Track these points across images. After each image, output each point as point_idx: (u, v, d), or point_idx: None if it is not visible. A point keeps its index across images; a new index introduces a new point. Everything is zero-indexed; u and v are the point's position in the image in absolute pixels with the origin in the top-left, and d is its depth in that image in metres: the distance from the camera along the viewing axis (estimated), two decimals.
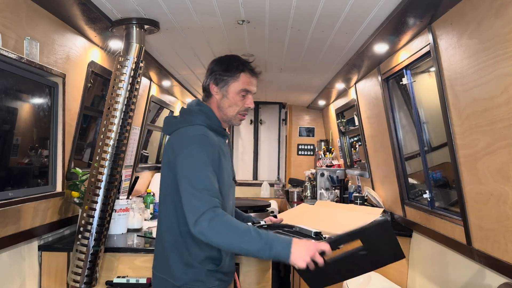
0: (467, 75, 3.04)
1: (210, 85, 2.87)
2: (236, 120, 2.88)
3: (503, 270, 2.95)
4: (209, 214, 2.45)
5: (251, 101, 2.87)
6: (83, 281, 3.55)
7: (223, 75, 2.83)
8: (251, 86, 2.85)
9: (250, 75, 2.84)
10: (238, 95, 2.82)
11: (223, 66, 2.85)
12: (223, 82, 2.82)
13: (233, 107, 2.83)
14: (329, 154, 8.36)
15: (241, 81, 2.81)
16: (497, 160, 2.82)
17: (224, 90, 2.83)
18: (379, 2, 3.23)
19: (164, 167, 2.81)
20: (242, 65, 2.84)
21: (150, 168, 7.34)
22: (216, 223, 2.44)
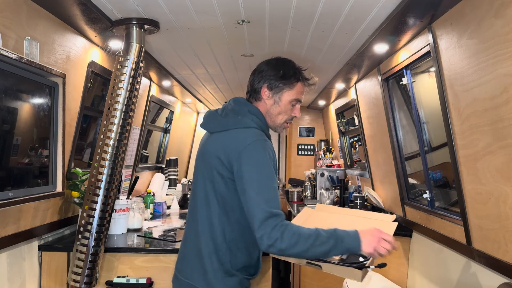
0: (467, 75, 3.04)
1: (263, 88, 2.76)
2: (281, 128, 2.82)
3: (503, 270, 2.95)
4: (280, 228, 2.40)
5: (298, 110, 2.81)
6: (83, 281, 3.55)
7: (278, 81, 2.73)
8: (302, 96, 2.80)
9: (305, 86, 2.79)
10: (290, 104, 2.75)
11: (279, 72, 2.74)
12: (278, 88, 2.74)
13: (282, 115, 2.77)
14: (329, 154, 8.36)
15: (296, 90, 2.75)
16: (497, 160, 2.82)
17: (277, 97, 2.74)
18: (379, 2, 3.23)
19: (207, 168, 2.72)
20: (298, 74, 2.77)
21: (150, 168, 7.34)
22: (287, 234, 2.40)
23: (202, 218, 2.72)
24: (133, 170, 6.10)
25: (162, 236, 4.49)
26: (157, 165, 7.80)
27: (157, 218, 5.65)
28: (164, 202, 6.10)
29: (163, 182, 7.30)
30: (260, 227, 2.41)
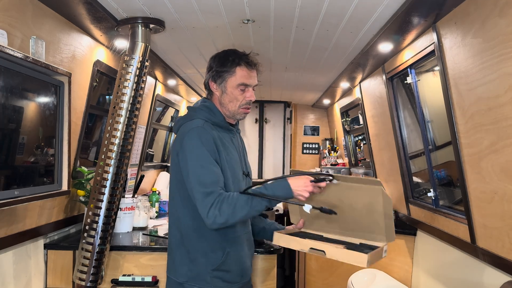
0: (472, 74, 3.04)
1: (210, 82, 2.90)
2: (240, 114, 2.89)
3: (507, 268, 2.95)
4: (216, 204, 2.55)
5: (251, 93, 2.87)
6: (89, 279, 3.56)
7: (219, 71, 2.84)
8: (249, 79, 2.84)
9: (247, 68, 2.83)
10: (237, 90, 2.82)
11: (219, 62, 2.86)
12: (221, 78, 2.84)
13: (234, 102, 2.84)
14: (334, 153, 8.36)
15: (238, 75, 2.81)
16: (501, 158, 2.82)
17: (223, 86, 2.84)
18: (383, 1, 3.23)
19: (172, 165, 2.85)
20: (238, 59, 2.83)
21: (156, 166, 7.35)
22: (225, 207, 2.55)
23: (171, 212, 2.90)
24: (138, 169, 6.11)
25: (167, 235, 4.50)
26: (162, 164, 7.80)
27: (162, 217, 5.66)
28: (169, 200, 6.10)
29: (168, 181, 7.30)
30: (200, 209, 2.59)
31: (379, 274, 4.87)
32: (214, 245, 2.75)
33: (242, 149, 3.06)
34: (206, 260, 2.75)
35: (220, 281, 2.77)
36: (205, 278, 2.75)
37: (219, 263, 2.75)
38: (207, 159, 2.65)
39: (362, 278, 4.87)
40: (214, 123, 2.82)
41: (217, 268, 2.75)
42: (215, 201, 2.55)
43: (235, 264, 2.82)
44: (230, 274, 2.80)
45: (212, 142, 2.69)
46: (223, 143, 2.78)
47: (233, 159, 2.83)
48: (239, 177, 2.85)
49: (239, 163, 2.90)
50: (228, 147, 2.81)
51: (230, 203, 2.55)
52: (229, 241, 2.77)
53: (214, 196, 2.56)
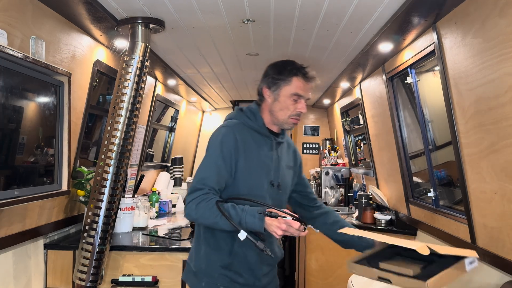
0: (472, 74, 3.04)
1: (263, 88, 2.89)
2: (289, 124, 2.86)
3: (508, 268, 2.95)
4: (198, 199, 2.60)
5: (303, 105, 2.82)
6: (89, 279, 3.56)
7: (275, 78, 2.82)
8: (303, 91, 2.80)
9: (303, 80, 2.80)
10: (290, 99, 2.79)
11: (277, 70, 2.85)
12: (275, 85, 2.82)
13: (284, 111, 2.81)
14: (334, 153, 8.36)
15: (293, 85, 2.79)
16: (501, 158, 2.82)
17: (276, 94, 2.82)
18: (383, 1, 3.23)
19: None
20: (295, 69, 2.81)
21: (156, 166, 7.35)
22: (201, 207, 2.59)
23: None
24: (138, 169, 6.12)
25: (167, 235, 4.51)
26: (162, 164, 7.80)
27: (162, 217, 5.67)
28: (169, 200, 6.12)
29: (168, 181, 7.32)
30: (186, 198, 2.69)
31: None
32: (222, 244, 2.77)
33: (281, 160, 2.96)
34: (214, 256, 2.78)
35: (228, 281, 2.77)
36: (212, 274, 2.78)
37: (226, 262, 2.76)
38: (216, 160, 2.69)
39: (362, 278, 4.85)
40: (250, 127, 2.83)
41: (225, 267, 2.77)
42: (199, 197, 2.60)
43: (245, 269, 2.80)
44: (241, 277, 2.79)
45: (231, 144, 2.71)
46: (250, 148, 2.78)
47: (259, 165, 2.81)
48: (260, 184, 2.80)
49: (268, 171, 2.85)
50: (256, 152, 2.80)
51: (205, 206, 2.58)
52: (236, 243, 2.75)
53: (200, 192, 2.61)
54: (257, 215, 2.51)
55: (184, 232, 4.64)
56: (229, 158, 2.69)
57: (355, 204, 6.31)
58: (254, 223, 2.49)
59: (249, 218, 2.51)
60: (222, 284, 2.77)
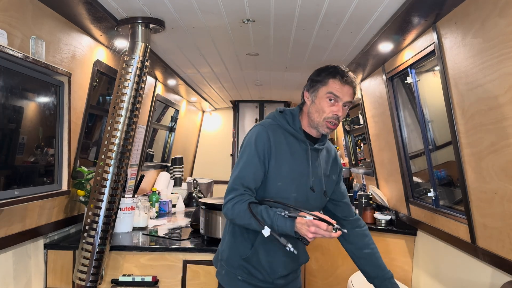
0: (472, 74, 3.04)
1: (304, 91, 2.88)
2: (323, 127, 2.79)
3: (508, 268, 2.95)
4: (235, 199, 2.64)
5: (339, 108, 2.75)
6: (89, 279, 3.56)
7: (314, 80, 2.82)
8: (340, 93, 2.74)
9: (340, 82, 2.74)
10: (325, 100, 2.75)
11: (316, 72, 2.84)
12: (314, 88, 2.81)
13: (320, 113, 2.76)
14: None
15: (329, 86, 2.75)
16: (501, 158, 2.82)
17: (314, 96, 2.80)
18: (383, 1, 3.24)
19: None
20: (334, 71, 2.77)
21: (156, 166, 7.35)
22: (237, 207, 2.61)
23: None
24: (138, 169, 6.12)
25: (167, 235, 4.50)
26: (162, 164, 7.81)
27: (162, 217, 5.66)
28: (169, 200, 6.12)
29: (168, 181, 7.32)
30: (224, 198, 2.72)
31: None
32: (245, 236, 2.80)
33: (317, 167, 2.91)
34: (236, 247, 2.82)
35: (246, 272, 2.80)
36: (233, 263, 2.82)
37: (248, 254, 2.78)
38: (252, 158, 2.71)
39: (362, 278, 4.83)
40: (286, 130, 2.82)
41: (246, 260, 2.79)
42: (235, 197, 2.63)
43: (266, 265, 2.80)
44: (258, 272, 2.80)
45: (265, 143, 2.72)
46: (282, 150, 2.76)
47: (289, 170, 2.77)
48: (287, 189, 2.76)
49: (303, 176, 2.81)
50: (289, 156, 2.78)
51: (241, 208, 2.60)
52: (258, 238, 2.77)
53: (236, 192, 2.64)
54: (288, 218, 2.50)
55: (184, 232, 4.64)
56: (263, 157, 2.71)
57: (355, 204, 6.30)
58: (285, 225, 2.48)
59: (280, 221, 2.50)
60: (240, 275, 2.80)
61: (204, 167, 10.22)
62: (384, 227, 5.33)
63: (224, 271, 2.85)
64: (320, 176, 2.90)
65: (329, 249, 5.60)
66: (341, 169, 3.13)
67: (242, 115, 9.98)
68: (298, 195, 2.79)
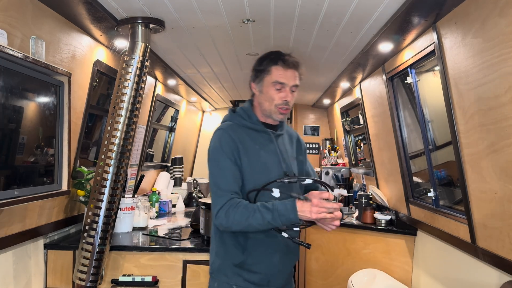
0: (472, 74, 3.04)
1: (251, 83, 2.90)
2: (276, 114, 2.82)
3: (508, 268, 2.95)
4: (225, 207, 2.61)
5: (287, 94, 2.78)
6: (89, 279, 3.56)
7: (257, 70, 2.84)
8: (285, 78, 2.77)
9: (283, 68, 2.77)
10: (272, 89, 2.77)
11: (258, 62, 2.86)
12: (258, 78, 2.83)
13: (270, 102, 2.79)
14: (334, 153, 8.36)
15: (273, 74, 2.77)
16: (501, 158, 2.82)
17: (260, 86, 2.82)
18: (383, 1, 3.23)
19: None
20: (275, 58, 2.79)
21: (156, 166, 7.35)
22: (230, 213, 2.59)
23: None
24: (138, 169, 6.12)
25: (167, 235, 4.51)
26: (162, 164, 7.80)
27: (162, 217, 5.67)
28: (169, 200, 6.12)
29: (168, 181, 7.32)
30: (212, 208, 2.70)
31: (379, 274, 4.87)
32: (235, 242, 2.76)
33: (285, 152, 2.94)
34: (227, 254, 2.77)
35: (242, 280, 2.75)
36: (226, 272, 2.78)
37: (241, 260, 2.75)
38: (224, 162, 2.70)
39: (362, 278, 4.87)
40: (246, 126, 2.83)
41: (239, 266, 2.75)
42: (225, 204, 2.61)
43: (259, 267, 2.77)
44: (253, 275, 2.76)
45: (230, 144, 2.72)
46: (249, 146, 2.76)
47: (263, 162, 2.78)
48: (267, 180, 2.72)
49: (275, 164, 2.82)
50: (257, 150, 2.78)
51: (235, 212, 2.59)
52: (249, 241, 2.75)
53: (224, 200, 2.62)
54: (288, 203, 2.52)
55: (184, 232, 4.64)
56: (234, 157, 2.70)
57: (355, 204, 6.31)
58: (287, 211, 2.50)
59: (281, 209, 2.51)
60: (235, 284, 2.76)
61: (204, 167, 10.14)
62: (384, 227, 5.33)
63: (217, 283, 2.81)
64: (289, 160, 2.92)
65: (329, 249, 5.60)
66: (305, 148, 3.17)
67: None
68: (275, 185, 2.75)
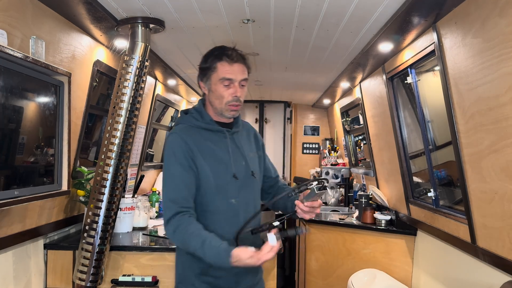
0: (472, 74, 3.04)
1: (199, 82, 2.83)
2: (228, 112, 2.75)
3: (508, 268, 2.95)
4: (174, 222, 2.59)
5: (236, 89, 2.71)
6: (89, 279, 3.56)
7: (203, 68, 2.76)
8: (231, 74, 2.69)
9: (228, 63, 2.69)
10: (220, 86, 2.70)
11: (204, 60, 2.78)
12: (206, 76, 2.76)
13: (220, 99, 2.72)
14: (334, 153, 8.36)
15: (219, 70, 2.69)
16: (501, 158, 2.82)
17: (208, 84, 2.75)
18: (383, 1, 3.23)
19: None
20: (219, 54, 2.72)
21: (156, 166, 7.35)
22: (179, 232, 2.57)
23: None
24: (138, 169, 6.12)
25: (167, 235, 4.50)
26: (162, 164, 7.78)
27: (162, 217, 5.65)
28: None
29: None
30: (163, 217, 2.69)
31: (379, 274, 4.87)
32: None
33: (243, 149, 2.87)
34: (192, 263, 2.70)
35: (209, 287, 2.70)
36: (193, 283, 2.71)
37: (204, 267, 2.67)
38: (175, 169, 2.66)
39: (362, 278, 4.87)
40: (199, 127, 2.77)
41: (204, 273, 2.69)
42: (173, 218, 2.59)
43: (224, 271, 2.66)
44: (220, 280, 2.71)
45: (183, 148, 2.66)
46: (204, 147, 2.71)
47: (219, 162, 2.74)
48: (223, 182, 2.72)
49: (234, 162, 2.78)
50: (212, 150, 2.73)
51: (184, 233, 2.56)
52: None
53: (171, 211, 2.60)
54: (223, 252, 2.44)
55: None
56: (187, 162, 2.65)
57: (355, 204, 6.31)
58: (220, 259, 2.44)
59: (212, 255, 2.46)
60: None
61: None
62: (384, 227, 5.33)
63: None
64: (246, 158, 2.85)
65: (329, 249, 5.60)
66: (263, 143, 3.11)
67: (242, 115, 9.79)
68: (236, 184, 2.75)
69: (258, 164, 2.97)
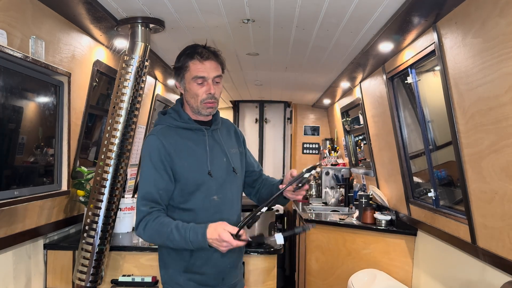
0: (472, 74, 3.04)
1: (175, 82, 2.83)
2: (204, 109, 2.74)
3: (508, 268, 2.95)
4: (144, 220, 2.60)
5: (210, 87, 2.70)
6: (89, 279, 3.56)
7: (177, 68, 2.76)
8: (203, 72, 2.69)
9: (199, 61, 2.69)
10: (194, 84, 2.70)
11: (177, 59, 2.78)
12: (180, 76, 2.76)
13: (195, 98, 2.72)
14: (334, 153, 8.36)
15: (192, 69, 2.69)
16: (502, 158, 2.82)
17: (183, 83, 2.75)
18: (384, 1, 3.23)
19: None
20: (191, 53, 2.72)
21: None
22: (148, 228, 2.59)
23: None
24: (138, 169, 6.11)
25: None
26: None
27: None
28: None
29: None
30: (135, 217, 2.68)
31: (379, 274, 4.87)
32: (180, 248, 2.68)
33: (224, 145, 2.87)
34: (176, 262, 2.72)
35: (195, 285, 2.71)
36: (178, 281, 2.72)
37: (188, 265, 2.70)
38: (149, 172, 2.66)
39: (362, 278, 4.87)
40: (178, 126, 2.76)
41: (188, 270, 2.70)
42: (144, 218, 2.60)
43: (209, 267, 2.71)
44: (205, 277, 2.72)
45: (160, 150, 2.65)
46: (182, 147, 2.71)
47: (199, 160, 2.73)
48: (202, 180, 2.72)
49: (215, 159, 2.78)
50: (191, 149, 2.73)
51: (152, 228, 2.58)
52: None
53: (144, 213, 2.60)
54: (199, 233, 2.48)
55: None
56: (162, 164, 2.65)
57: (355, 204, 6.31)
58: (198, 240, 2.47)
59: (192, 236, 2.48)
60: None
61: None
62: (384, 227, 5.33)
63: None
64: (227, 154, 2.86)
65: (329, 249, 5.60)
66: (243, 138, 3.10)
67: (242, 115, 9.98)
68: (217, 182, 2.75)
69: (240, 160, 2.96)
